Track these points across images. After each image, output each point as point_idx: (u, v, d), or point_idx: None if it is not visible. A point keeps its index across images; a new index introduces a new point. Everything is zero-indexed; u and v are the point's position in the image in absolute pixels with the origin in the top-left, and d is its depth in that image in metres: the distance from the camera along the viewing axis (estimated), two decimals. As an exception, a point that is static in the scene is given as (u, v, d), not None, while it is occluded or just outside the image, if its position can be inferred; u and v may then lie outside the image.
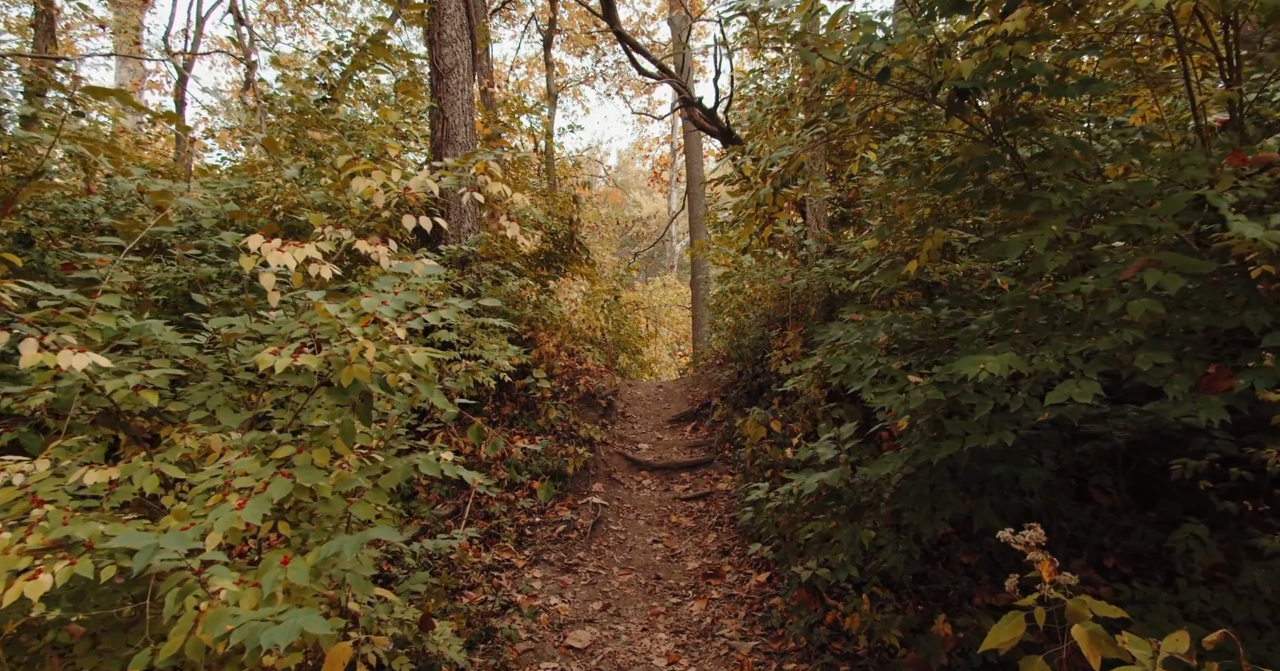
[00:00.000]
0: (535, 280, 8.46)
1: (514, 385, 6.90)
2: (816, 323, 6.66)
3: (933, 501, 3.26)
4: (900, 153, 3.89)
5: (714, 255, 10.87)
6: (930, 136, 3.72)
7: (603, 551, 5.49)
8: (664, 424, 7.96)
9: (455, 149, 7.52)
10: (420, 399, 2.56)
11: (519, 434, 6.68)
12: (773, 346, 7.12)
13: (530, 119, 12.00)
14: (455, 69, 7.90)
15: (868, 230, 5.38)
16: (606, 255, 18.73)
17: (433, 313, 2.33)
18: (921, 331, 3.40)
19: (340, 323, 2.27)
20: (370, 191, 3.11)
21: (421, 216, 3.23)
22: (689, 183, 16.34)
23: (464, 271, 7.31)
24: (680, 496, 6.43)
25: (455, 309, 2.36)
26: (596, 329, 10.65)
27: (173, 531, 1.89)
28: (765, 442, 5.80)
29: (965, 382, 2.93)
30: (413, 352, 2.18)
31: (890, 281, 3.34)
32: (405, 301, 2.40)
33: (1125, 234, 2.59)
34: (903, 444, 3.32)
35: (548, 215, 8.60)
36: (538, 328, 7.55)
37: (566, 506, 6.03)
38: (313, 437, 2.23)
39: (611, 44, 15.64)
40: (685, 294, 20.88)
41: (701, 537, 5.72)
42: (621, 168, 34.49)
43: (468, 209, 7.74)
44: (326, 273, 2.73)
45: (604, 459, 6.95)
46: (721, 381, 8.16)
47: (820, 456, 3.54)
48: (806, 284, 5.76)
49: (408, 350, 2.18)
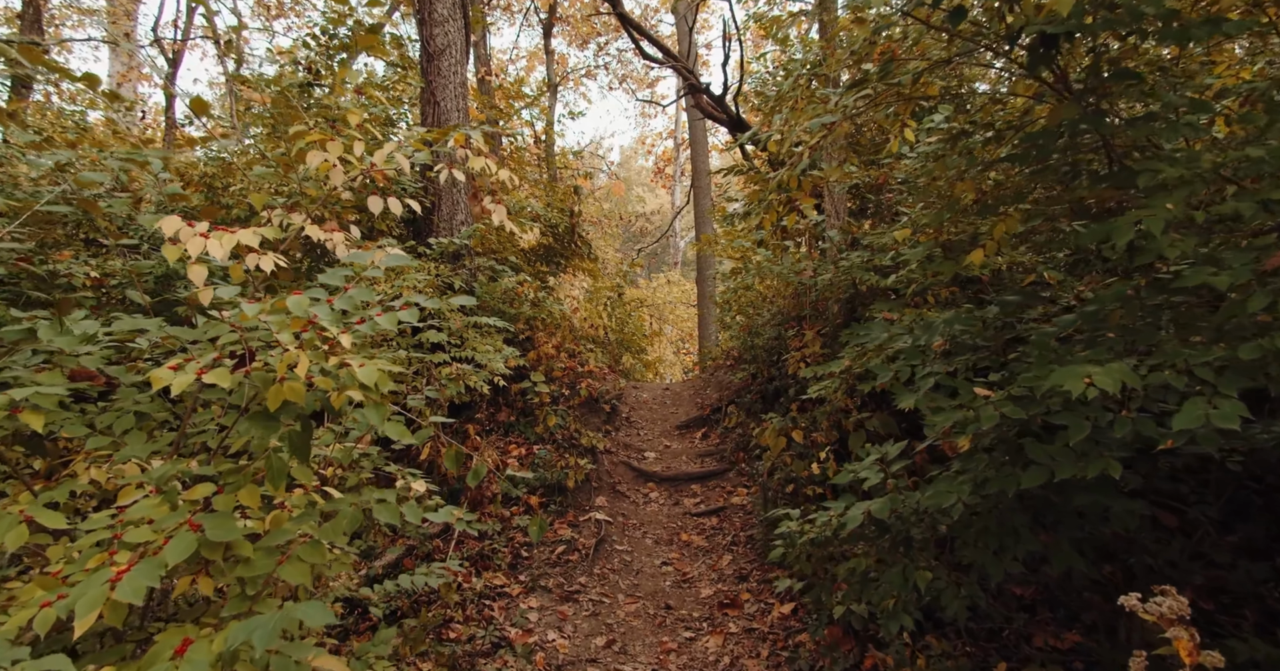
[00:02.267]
0: (534, 276, 7.94)
1: (510, 389, 6.38)
2: (838, 322, 6.13)
3: (1001, 537, 2.73)
4: (954, 120, 3.35)
5: (723, 250, 10.34)
6: (993, 103, 3.18)
7: (607, 576, 4.97)
8: (672, 430, 7.44)
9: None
10: (366, 426, 2.04)
11: (515, 443, 6.16)
12: (789, 347, 6.59)
13: (530, 112, 11.48)
14: (447, 50, 7.37)
15: (904, 218, 4.85)
16: (609, 251, 18.20)
17: (388, 314, 1.80)
18: (982, 334, 2.87)
19: (268, 328, 1.75)
20: (326, 167, 2.59)
21: (390, 198, 2.71)
22: (694, 176, 15.79)
23: (456, 267, 6.79)
24: (691, 511, 5.91)
25: (417, 308, 1.83)
26: (599, 327, 10.14)
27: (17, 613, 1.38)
28: (786, 454, 5.27)
29: (1051, 398, 2.40)
30: (358, 366, 1.65)
31: (948, 273, 2.81)
32: (356, 301, 1.88)
33: (1264, 211, 2.06)
34: (964, 467, 2.79)
35: (547, 207, 8.08)
36: (536, 327, 7.03)
37: (567, 523, 5.51)
38: (226, 479, 1.71)
39: (615, 31, 15.07)
40: (689, 291, 20.34)
41: (715, 559, 5.19)
42: (623, 164, 33.92)
43: (460, 199, 7.22)
44: (267, 264, 2.21)
45: (607, 469, 6.43)
46: (733, 384, 7.63)
47: (863, 480, 3.02)
48: (830, 279, 5.22)
49: (353, 364, 1.66)
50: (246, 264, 2.20)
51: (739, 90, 9.26)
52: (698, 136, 15.66)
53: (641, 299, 15.10)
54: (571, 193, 8.52)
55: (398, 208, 2.67)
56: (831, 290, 5.70)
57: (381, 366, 1.68)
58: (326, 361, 1.68)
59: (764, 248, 6.79)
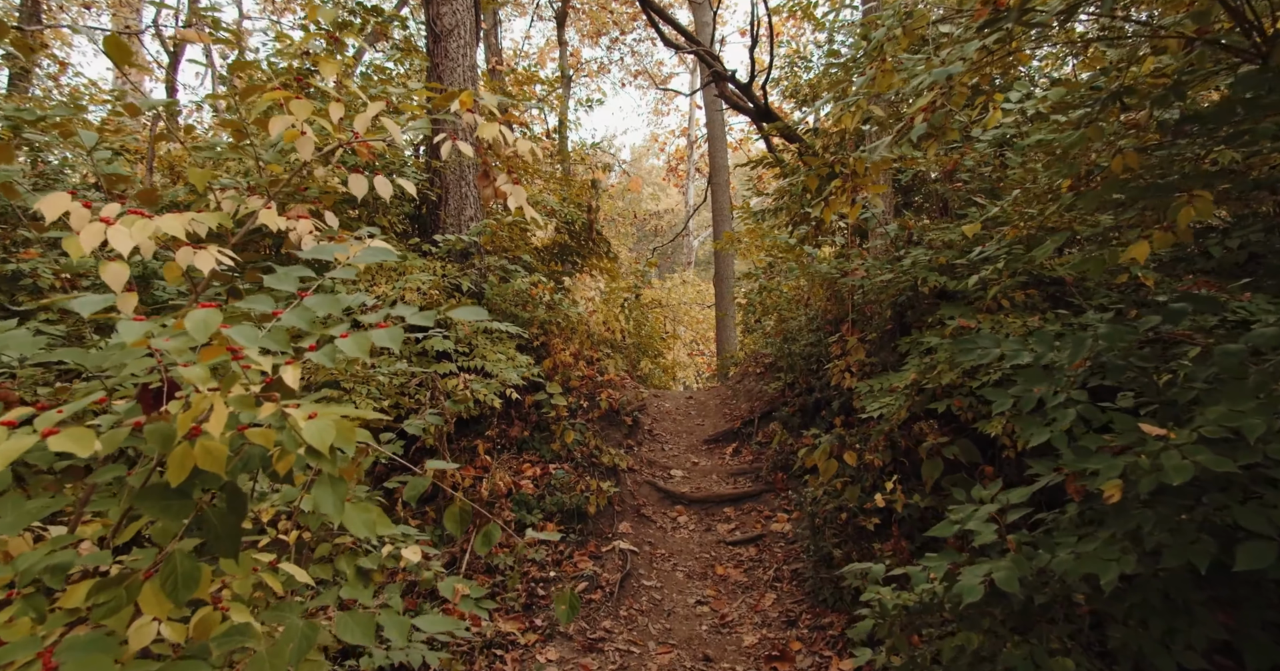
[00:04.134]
0: (548, 276, 7.34)
1: (524, 402, 5.79)
2: (888, 328, 5.49)
3: (1169, 617, 2.10)
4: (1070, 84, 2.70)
5: (747, 248, 9.70)
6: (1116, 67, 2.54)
7: (634, 618, 4.35)
8: (699, 445, 6.81)
9: (466, 138, 6.40)
10: (311, 507, 1.44)
11: (529, 461, 5.56)
12: (830, 355, 5.95)
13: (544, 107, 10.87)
14: (455, 30, 6.78)
15: (972, 211, 4.21)
16: (623, 251, 17.58)
17: (354, 336, 1.19)
18: (1138, 352, 2.23)
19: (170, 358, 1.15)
20: (293, 135, 1.99)
21: (379, 178, 2.12)
22: (712, 172, 15.16)
23: (464, 266, 6.20)
24: (725, 539, 5.28)
25: (399, 329, 1.22)
26: (616, 330, 9.53)
27: None
28: (838, 480, 4.64)
29: (1269, 443, 1.76)
30: (304, 418, 1.05)
31: (1095, 271, 2.18)
32: (313, 315, 1.27)
33: None
34: (1118, 525, 2.15)
35: (563, 202, 7.47)
36: (551, 332, 6.43)
37: (588, 554, 4.90)
38: (99, 598, 1.11)
39: (631, 19, 14.46)
40: (703, 291, 19.70)
41: (758, 598, 4.57)
42: (635, 162, 33.30)
43: (470, 192, 6.63)
44: (205, 262, 1.63)
45: (631, 490, 5.82)
46: (765, 395, 7.00)
47: (974, 535, 2.39)
48: (891, 279, 4.58)
49: (296, 415, 1.05)
50: (180, 260, 1.62)
51: (767, 77, 8.62)
52: (716, 131, 15.04)
53: (658, 300, 14.48)
54: (589, 187, 7.91)
55: (386, 190, 2.08)
56: (886, 292, 5.06)
57: (340, 416, 1.07)
58: (254, 411, 1.07)
59: (807, 245, 6.16)
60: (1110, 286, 4.39)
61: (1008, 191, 4.64)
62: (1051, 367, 2.37)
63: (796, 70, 8.79)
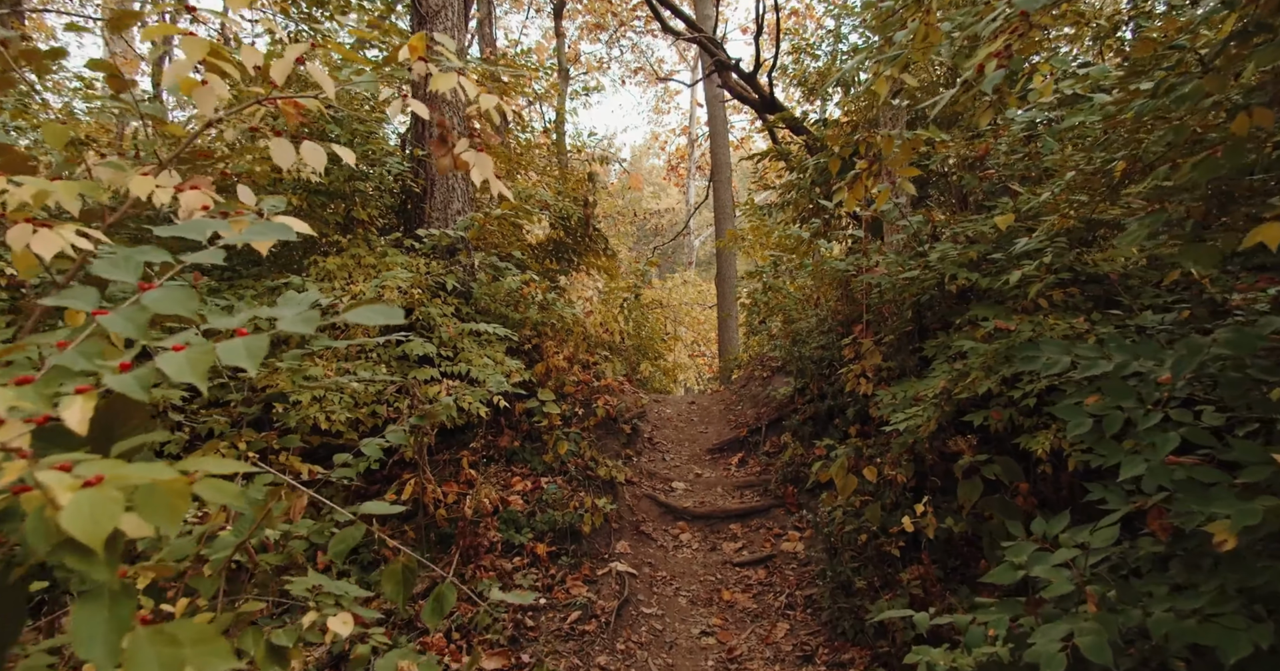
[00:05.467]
0: (542, 274, 6.92)
1: (514, 409, 5.36)
2: (908, 329, 5.06)
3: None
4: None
5: (751, 246, 9.28)
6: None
7: (633, 652, 3.92)
8: (702, 454, 6.38)
9: (440, 109, 5.98)
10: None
11: (519, 474, 5.14)
12: (843, 358, 5.52)
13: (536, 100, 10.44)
14: (443, 11, 6.36)
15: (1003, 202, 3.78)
16: (623, 250, 17.15)
17: (191, 350, 0.77)
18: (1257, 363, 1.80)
19: None
20: (189, 85, 1.57)
21: (306, 143, 1.70)
22: (714, 168, 14.75)
23: (450, 263, 5.78)
24: (732, 559, 4.85)
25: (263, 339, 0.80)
26: (615, 332, 9.10)
27: None
28: (856, 497, 4.21)
29: None
30: (70, 488, 0.62)
31: (1207, 262, 1.75)
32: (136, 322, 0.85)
33: None
34: (1230, 576, 1.72)
35: (558, 196, 7.05)
36: (544, 334, 6.00)
37: (581, 578, 4.47)
38: None
39: (631, 12, 14.03)
40: (705, 291, 19.29)
41: (769, 628, 4.14)
42: (635, 163, 32.87)
43: (457, 185, 6.20)
44: (47, 246, 1.22)
45: (629, 504, 5.39)
46: (773, 400, 6.57)
47: (1041, 583, 1.97)
48: (917, 275, 4.16)
49: (54, 485, 0.63)
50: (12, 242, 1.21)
51: (774, 65, 8.20)
52: (718, 128, 14.64)
53: (659, 300, 14.05)
54: (585, 181, 7.49)
55: (318, 159, 1.65)
56: (907, 291, 4.63)
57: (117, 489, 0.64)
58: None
59: (821, 239, 5.74)
60: (1157, 285, 3.97)
61: (1047, 179, 4.21)
62: (1139, 379, 1.94)
63: (803, 60, 8.36)
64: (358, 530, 1.50)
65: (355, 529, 1.50)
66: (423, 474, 4.48)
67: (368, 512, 1.58)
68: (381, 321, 0.87)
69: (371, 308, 0.87)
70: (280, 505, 1.45)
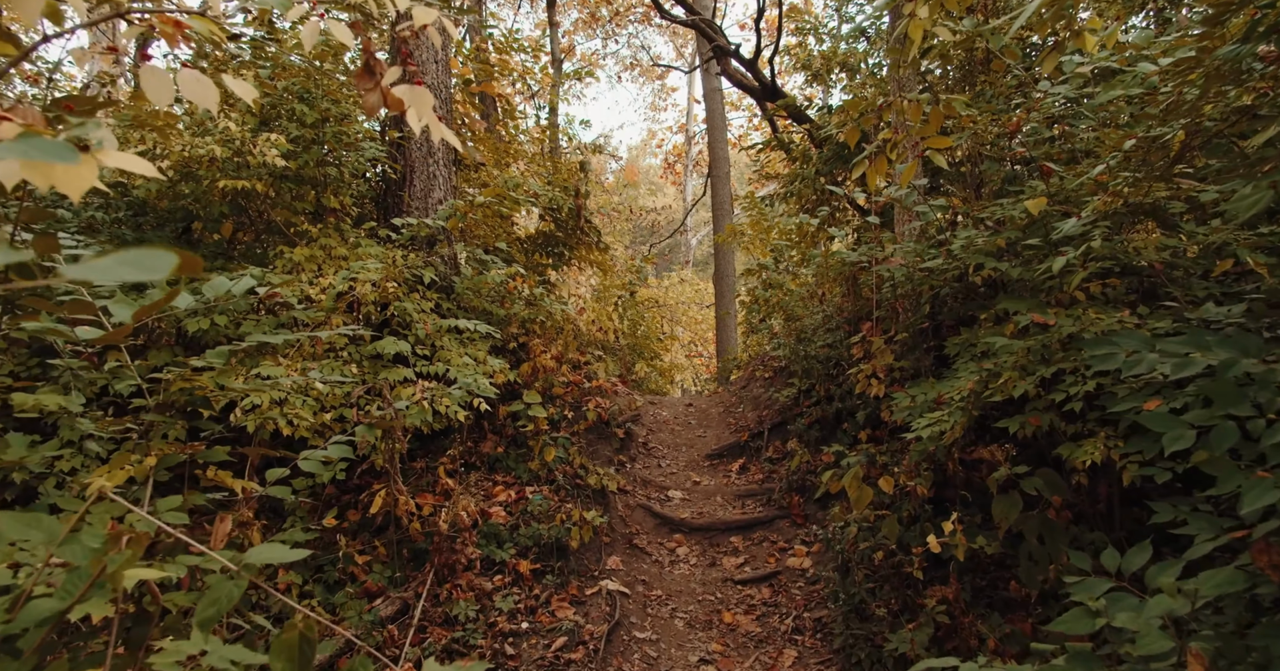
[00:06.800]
0: (531, 269, 6.52)
1: (497, 413, 4.95)
2: (922, 326, 4.67)
3: None
4: None
5: (753, 241, 8.88)
6: None
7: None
8: (700, 460, 5.99)
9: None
10: None
11: (502, 483, 4.73)
12: (851, 358, 5.13)
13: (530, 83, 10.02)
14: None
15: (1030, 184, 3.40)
16: (619, 248, 16.73)
17: None
18: None
19: None
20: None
21: (228, 77, 1.43)
22: (712, 164, 14.38)
23: (429, 255, 5.37)
24: (733, 577, 4.46)
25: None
26: (609, 331, 8.70)
27: None
28: (870, 510, 3.82)
29: None
30: None
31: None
32: None
33: None
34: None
35: (548, 185, 6.64)
36: (532, 332, 5.60)
37: (568, 599, 4.07)
38: None
39: (627, 3, 13.65)
40: (702, 290, 18.90)
41: (774, 655, 3.75)
42: (631, 162, 32.47)
43: (439, 171, 5.80)
44: None
45: (622, 515, 4.99)
46: (776, 403, 6.17)
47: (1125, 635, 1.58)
48: (941, 265, 3.77)
49: None
50: None
51: (775, 49, 7.82)
52: (715, 122, 14.29)
53: (656, 299, 13.66)
54: (577, 169, 7.09)
55: (208, 99, 1.25)
56: (925, 283, 4.25)
57: None
58: None
59: (830, 227, 5.35)
60: (1204, 276, 3.60)
61: (1079, 160, 3.84)
62: (1251, 382, 1.55)
63: (807, 42, 7.98)
64: (238, 585, 1.10)
65: (234, 583, 1.10)
66: (394, 484, 4.07)
67: (263, 560, 1.18)
68: (133, 277, 0.48)
69: (116, 257, 0.48)
70: (126, 553, 1.05)
